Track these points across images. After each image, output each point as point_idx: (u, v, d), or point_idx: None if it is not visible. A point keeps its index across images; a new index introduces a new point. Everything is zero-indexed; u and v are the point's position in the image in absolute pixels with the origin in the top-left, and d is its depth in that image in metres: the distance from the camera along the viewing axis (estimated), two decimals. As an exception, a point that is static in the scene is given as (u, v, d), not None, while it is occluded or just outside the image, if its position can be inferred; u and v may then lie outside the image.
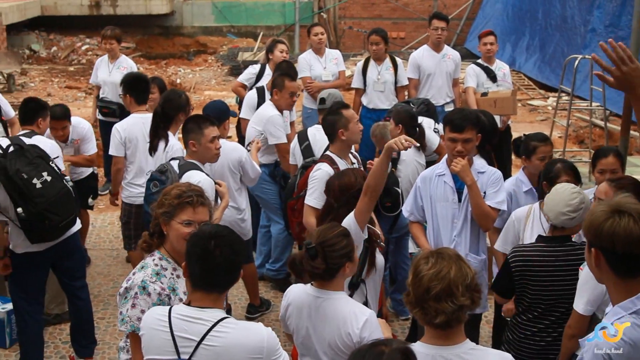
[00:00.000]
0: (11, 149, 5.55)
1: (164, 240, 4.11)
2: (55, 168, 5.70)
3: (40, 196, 5.45)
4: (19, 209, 5.42)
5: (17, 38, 21.59)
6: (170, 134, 6.67)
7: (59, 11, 22.74)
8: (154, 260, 4.05)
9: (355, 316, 3.87)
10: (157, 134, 6.60)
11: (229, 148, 6.49)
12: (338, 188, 4.86)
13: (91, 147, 7.72)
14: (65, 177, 5.81)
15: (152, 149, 6.64)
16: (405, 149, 4.46)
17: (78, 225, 6.01)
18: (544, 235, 4.94)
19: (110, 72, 9.63)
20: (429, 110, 8.03)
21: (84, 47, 21.97)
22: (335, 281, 3.98)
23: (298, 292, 4.11)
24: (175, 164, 5.66)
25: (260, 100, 8.00)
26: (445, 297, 3.05)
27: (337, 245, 3.93)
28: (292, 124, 8.29)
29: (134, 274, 4.00)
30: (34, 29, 22.56)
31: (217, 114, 6.55)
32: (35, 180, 5.45)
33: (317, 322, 3.98)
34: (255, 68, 9.15)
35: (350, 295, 4.52)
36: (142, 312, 3.81)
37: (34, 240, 5.62)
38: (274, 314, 7.21)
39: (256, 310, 7.22)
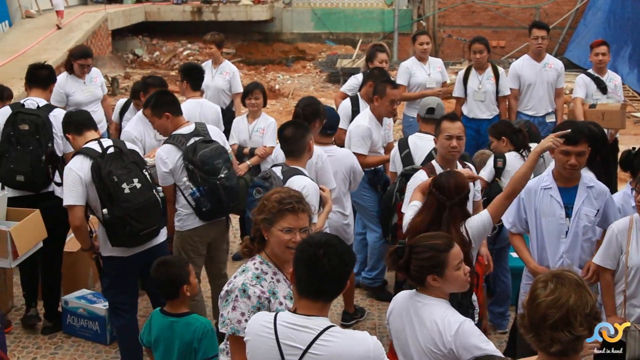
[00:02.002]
0: (111, 150, 5.66)
1: (264, 245, 4.12)
2: (148, 177, 5.77)
3: (126, 201, 5.51)
4: (104, 210, 5.52)
5: (122, 43, 22.23)
6: None
7: (162, 17, 23.33)
8: (254, 264, 4.07)
9: (449, 324, 3.82)
10: None
11: (342, 154, 6.55)
12: (454, 187, 4.75)
13: None
14: (157, 187, 5.86)
15: None
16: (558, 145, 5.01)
17: (163, 236, 6.04)
18: None
19: (213, 77, 9.62)
20: (529, 133, 7.76)
21: (185, 52, 22.41)
22: (432, 289, 3.93)
23: (403, 296, 4.10)
24: (278, 170, 5.67)
25: (355, 109, 7.94)
26: (562, 326, 2.89)
27: (420, 255, 3.90)
28: None
29: (235, 277, 4.04)
30: (138, 34, 23.17)
31: (333, 122, 6.66)
32: (124, 185, 5.52)
33: (414, 326, 3.95)
34: (358, 78, 8.94)
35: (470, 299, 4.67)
36: (242, 314, 3.85)
37: (113, 243, 5.69)
38: (369, 322, 7.16)
39: (351, 317, 7.18)
